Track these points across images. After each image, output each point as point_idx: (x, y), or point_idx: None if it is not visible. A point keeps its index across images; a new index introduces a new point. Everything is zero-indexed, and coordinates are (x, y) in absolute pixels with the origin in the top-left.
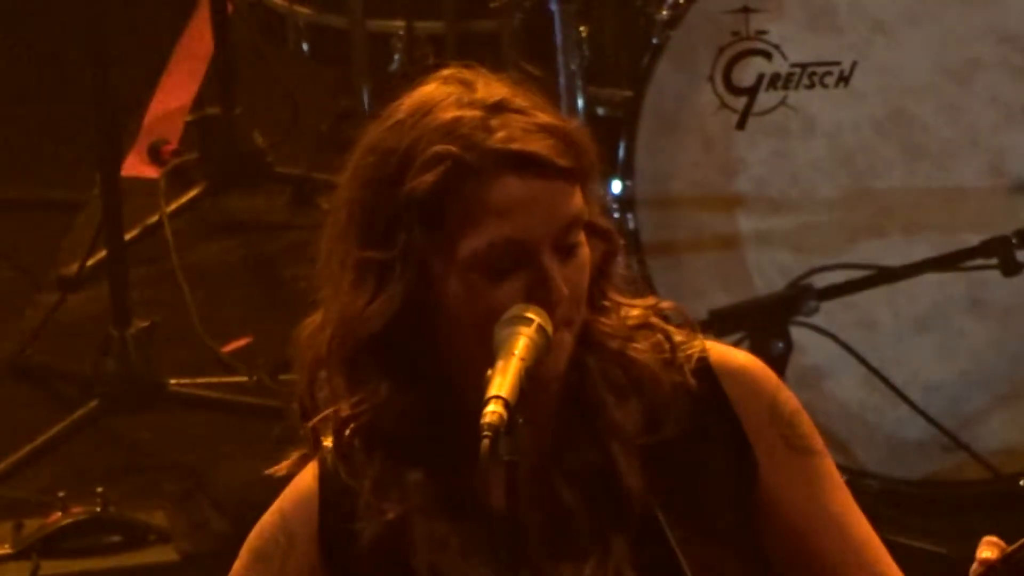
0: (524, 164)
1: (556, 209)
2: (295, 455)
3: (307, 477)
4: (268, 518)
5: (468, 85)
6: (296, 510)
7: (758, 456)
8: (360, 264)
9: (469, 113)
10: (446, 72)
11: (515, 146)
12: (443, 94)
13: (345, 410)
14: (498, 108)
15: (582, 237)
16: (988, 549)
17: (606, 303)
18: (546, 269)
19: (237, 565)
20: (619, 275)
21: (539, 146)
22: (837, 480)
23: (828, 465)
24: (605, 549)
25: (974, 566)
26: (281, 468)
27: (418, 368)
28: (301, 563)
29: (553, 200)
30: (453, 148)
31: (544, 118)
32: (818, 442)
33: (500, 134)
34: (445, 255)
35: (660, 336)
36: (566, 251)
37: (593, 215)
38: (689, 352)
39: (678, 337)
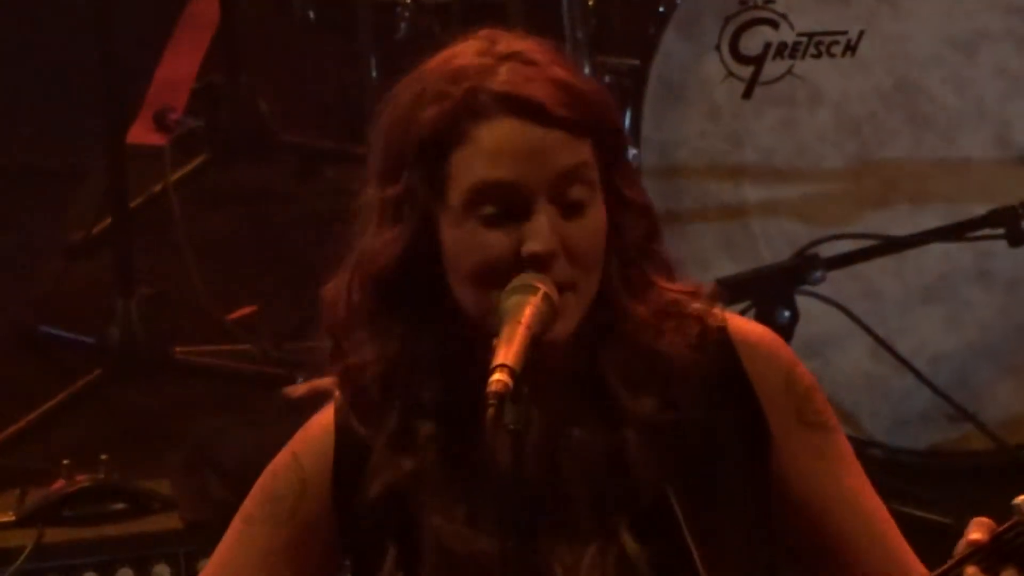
0: (522, 108)
1: (552, 157)
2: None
3: (323, 422)
4: (282, 459)
5: (493, 40)
6: (310, 455)
7: (772, 429)
8: (378, 205)
9: (481, 60)
10: (482, 31)
11: (514, 89)
12: (466, 47)
13: (363, 356)
14: (510, 57)
15: (596, 198)
16: (978, 531)
17: (644, 284)
18: (537, 217)
19: (249, 503)
20: (662, 256)
21: (539, 93)
22: (849, 456)
23: (841, 441)
24: (611, 530)
25: (961, 544)
26: (299, 389)
27: (429, 314)
28: (312, 508)
29: (549, 147)
30: (454, 89)
31: (557, 72)
32: (832, 418)
33: (502, 77)
34: (442, 196)
35: (688, 319)
36: (569, 206)
37: (624, 186)
38: (711, 328)
39: (696, 305)
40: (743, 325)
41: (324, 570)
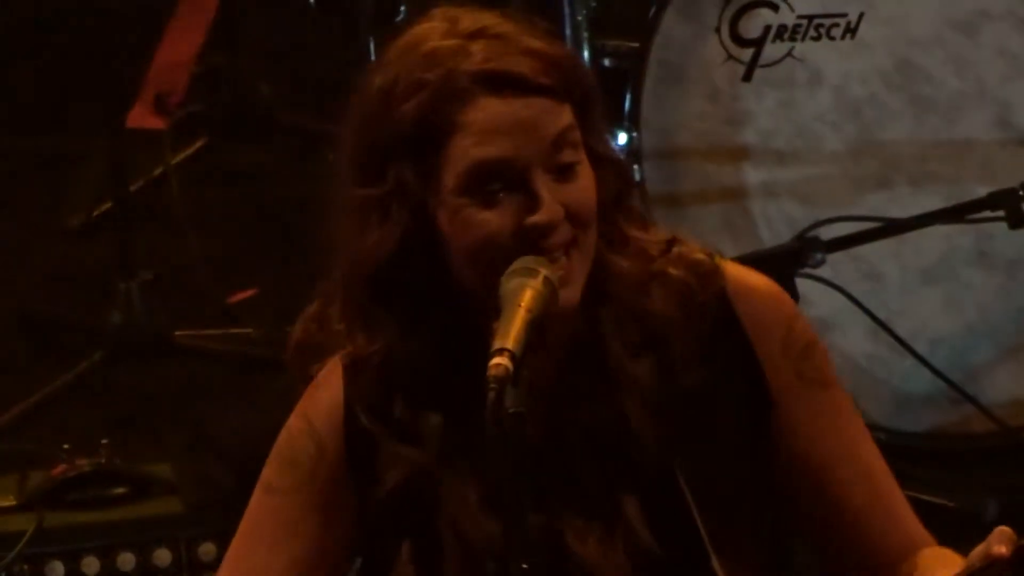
0: (501, 82)
1: (540, 126)
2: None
3: (332, 393)
4: (296, 423)
5: (453, 19)
6: (323, 420)
7: (771, 388)
8: (360, 205)
9: (449, 42)
10: (437, 10)
11: (490, 65)
12: (427, 29)
13: (360, 350)
14: (478, 34)
15: (582, 157)
16: (1000, 543)
17: (622, 238)
18: (536, 188)
19: (267, 472)
20: (635, 209)
21: (516, 64)
22: (848, 411)
23: (840, 396)
24: (617, 506)
25: (976, 553)
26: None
27: (425, 307)
28: (330, 472)
29: (536, 117)
30: (430, 75)
31: (528, 41)
32: (831, 373)
33: (477, 57)
34: (435, 185)
35: (680, 275)
36: (561, 171)
37: (598, 144)
38: (707, 281)
39: (696, 255)
40: (741, 275)
41: (348, 537)
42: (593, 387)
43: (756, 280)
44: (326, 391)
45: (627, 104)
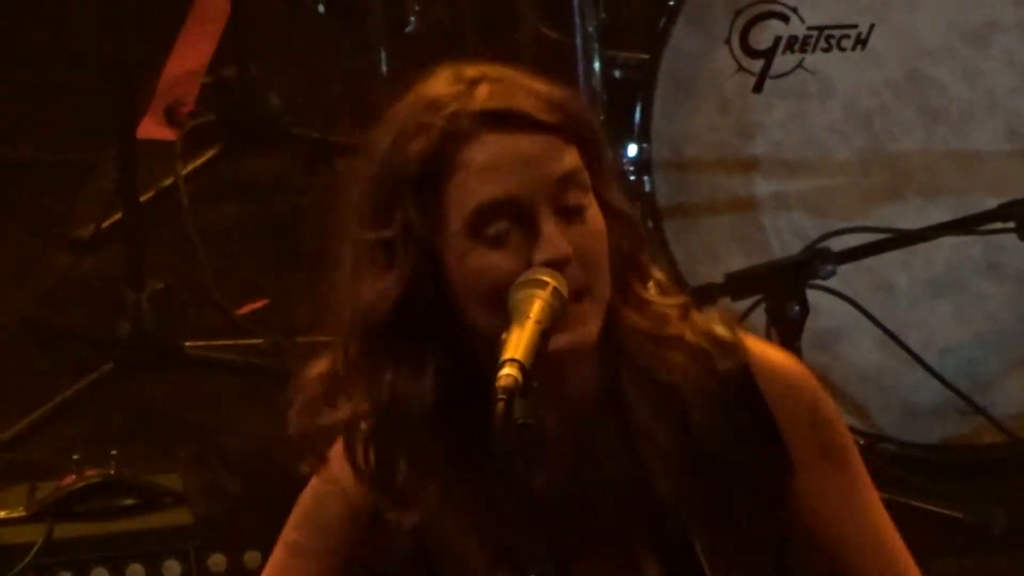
0: (504, 121)
1: (544, 164)
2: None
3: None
4: (322, 486)
5: (457, 70)
6: (348, 478)
7: (794, 463)
8: (366, 251)
9: (453, 88)
10: (442, 66)
11: (493, 103)
12: (433, 81)
13: (355, 410)
14: (481, 78)
15: (591, 202)
16: None
17: (636, 296)
18: (541, 226)
19: (294, 532)
20: (648, 267)
21: (519, 102)
22: (866, 485)
23: (858, 470)
24: (633, 562)
25: None
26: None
27: (431, 352)
28: (357, 534)
29: (541, 154)
30: (435, 118)
31: (531, 83)
32: (852, 450)
33: (480, 97)
34: (442, 228)
35: (698, 341)
36: (569, 212)
37: (608, 194)
38: (728, 352)
39: (718, 329)
40: (764, 352)
41: None
42: (615, 444)
43: (779, 357)
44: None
45: (637, 116)
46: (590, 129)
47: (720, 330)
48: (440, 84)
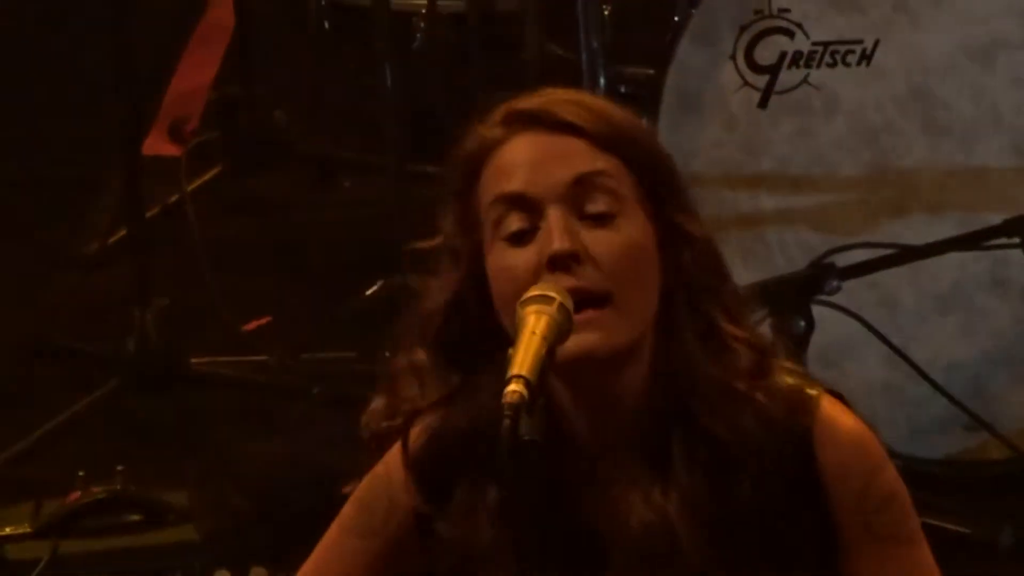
0: (531, 120)
1: (562, 162)
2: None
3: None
4: (380, 469)
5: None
6: (401, 473)
7: (840, 532)
8: (445, 252)
9: (515, 100)
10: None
11: (523, 105)
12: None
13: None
14: (539, 93)
15: (626, 211)
16: None
17: (719, 338)
18: (548, 221)
19: (347, 509)
20: (736, 305)
21: (557, 107)
22: (926, 569)
23: (919, 554)
24: None
25: None
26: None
27: (483, 361)
28: (399, 527)
29: (560, 154)
30: (492, 122)
31: (588, 98)
32: (911, 528)
33: (524, 104)
34: (480, 228)
35: (771, 406)
36: (593, 217)
37: (676, 217)
38: (798, 417)
39: (793, 382)
40: (832, 416)
41: None
42: (647, 483)
43: (847, 424)
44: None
45: None
46: (645, 148)
47: (796, 384)
48: (514, 100)
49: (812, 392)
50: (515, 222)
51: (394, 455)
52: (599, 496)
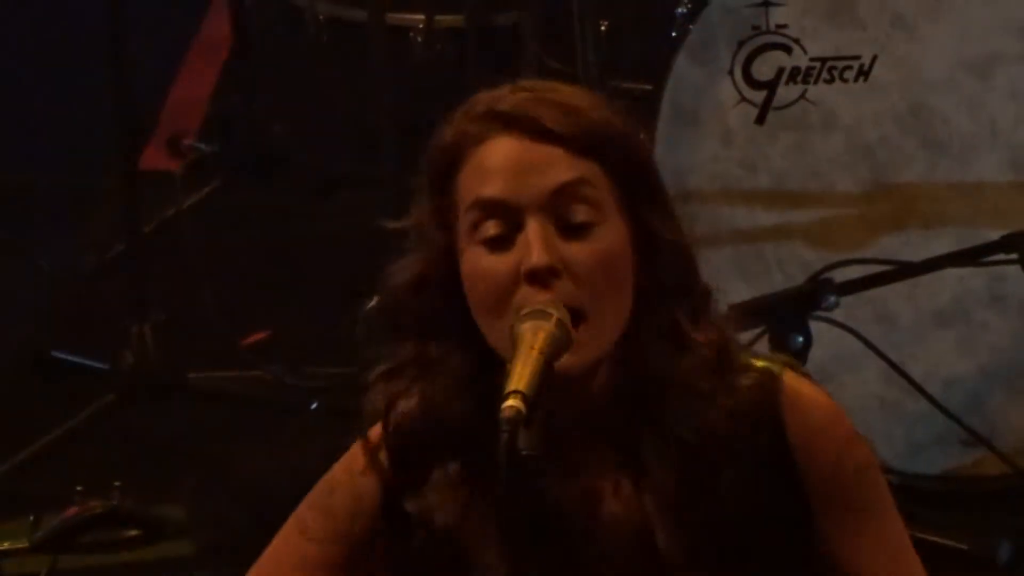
0: (517, 125)
1: (541, 172)
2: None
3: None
4: (339, 474)
5: (522, 81)
6: (360, 462)
7: (813, 510)
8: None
9: (498, 92)
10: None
11: (508, 107)
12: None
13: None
14: (520, 88)
15: (604, 221)
16: None
17: (681, 337)
18: (527, 233)
19: (305, 512)
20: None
21: (536, 110)
22: (896, 538)
23: (890, 522)
24: None
25: None
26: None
27: (449, 351)
28: (364, 527)
29: (540, 163)
30: (467, 117)
31: (567, 97)
32: (882, 498)
33: (510, 102)
34: (454, 224)
35: (746, 396)
36: (572, 228)
37: (649, 219)
38: (768, 397)
39: (758, 363)
40: (798, 391)
41: None
42: (620, 476)
43: (811, 393)
44: (373, 438)
45: None
46: (620, 148)
47: (759, 369)
48: (495, 90)
49: (774, 369)
50: (492, 227)
51: (353, 450)
52: (569, 482)
